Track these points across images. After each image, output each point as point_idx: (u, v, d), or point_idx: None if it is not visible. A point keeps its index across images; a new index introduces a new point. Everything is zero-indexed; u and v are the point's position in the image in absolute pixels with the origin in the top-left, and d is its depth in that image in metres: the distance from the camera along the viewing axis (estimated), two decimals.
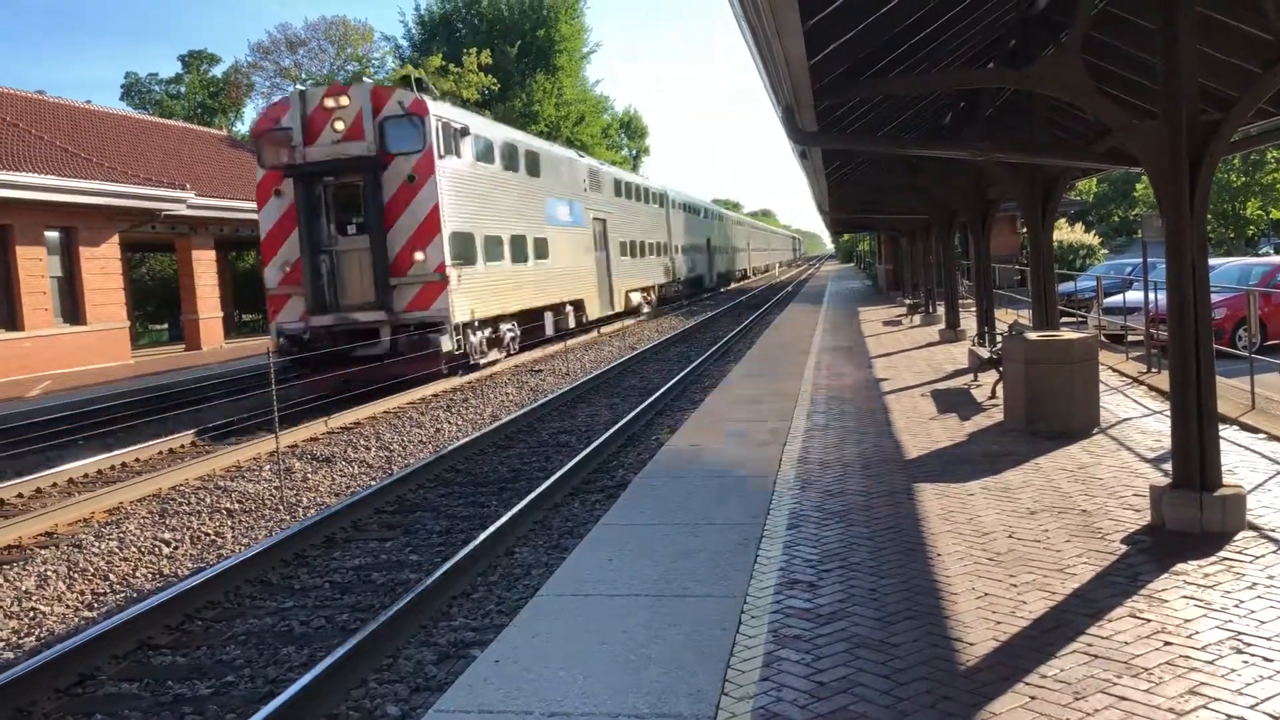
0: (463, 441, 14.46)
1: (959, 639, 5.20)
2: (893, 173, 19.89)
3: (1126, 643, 5.02)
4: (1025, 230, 34.40)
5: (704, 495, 8.53)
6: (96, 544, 10.25)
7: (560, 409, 18.02)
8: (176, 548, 10.27)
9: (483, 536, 9.25)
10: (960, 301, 22.10)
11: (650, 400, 17.40)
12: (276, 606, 8.36)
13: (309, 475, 13.30)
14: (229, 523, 11.13)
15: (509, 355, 25.23)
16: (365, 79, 28.31)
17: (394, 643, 7.18)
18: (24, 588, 9.02)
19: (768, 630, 5.44)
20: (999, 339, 13.92)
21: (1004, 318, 18.42)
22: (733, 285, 73.81)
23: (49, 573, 9.40)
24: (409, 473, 12.44)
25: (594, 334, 33.20)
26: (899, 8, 7.20)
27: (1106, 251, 39.73)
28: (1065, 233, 39.80)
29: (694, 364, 22.81)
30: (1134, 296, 18.87)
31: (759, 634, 5.39)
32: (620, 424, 15.10)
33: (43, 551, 10.07)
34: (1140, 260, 17.72)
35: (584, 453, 12.94)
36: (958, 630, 5.32)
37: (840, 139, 11.84)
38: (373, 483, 12.53)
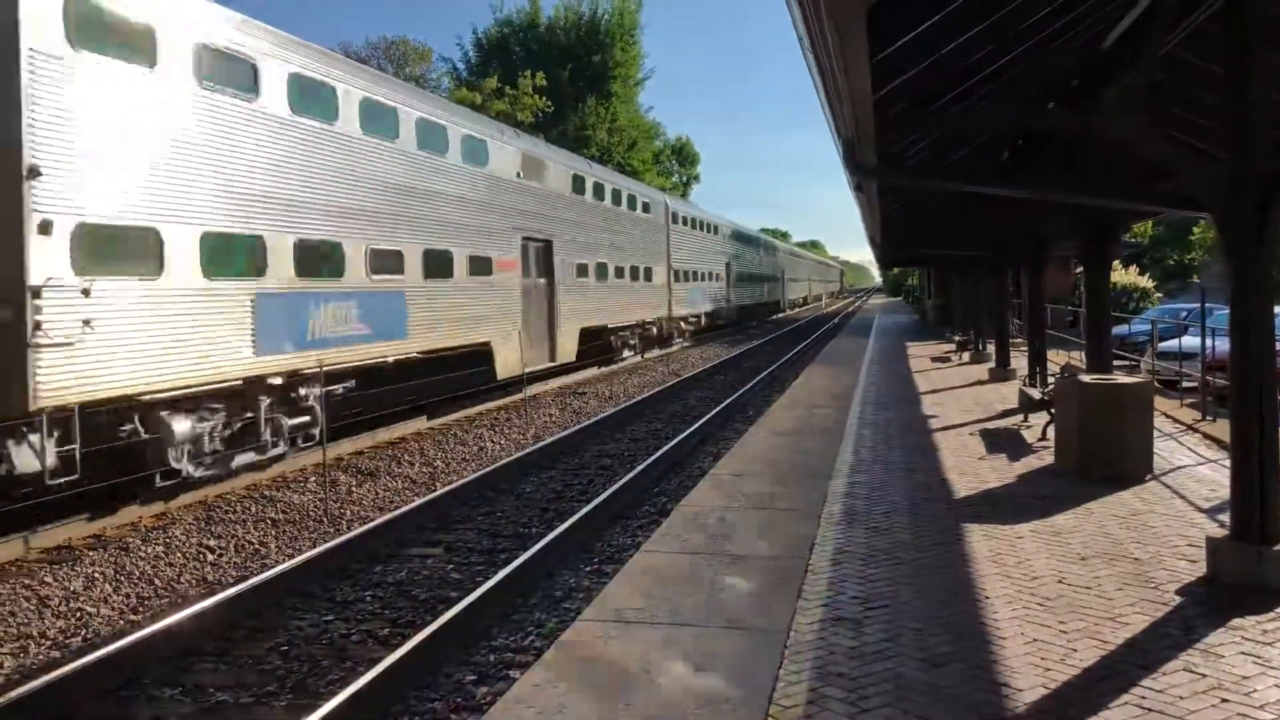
0: (505, 461, 14.50)
1: (1007, 684, 5.11)
2: (947, 209, 19.76)
3: (1181, 697, 4.91)
4: (1079, 271, 33.86)
5: (747, 527, 8.47)
6: (143, 548, 10.38)
7: (602, 432, 18.02)
8: (221, 555, 10.37)
9: (523, 558, 9.26)
10: (1010, 340, 21.86)
11: (694, 427, 17.36)
12: (318, 618, 8.40)
13: (353, 488, 13.39)
14: (273, 532, 11.23)
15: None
16: None
17: (434, 659, 7.19)
18: (72, 588, 9.15)
19: (811, 667, 5.37)
20: (1051, 380, 13.75)
21: (1055, 359, 18.20)
22: (777, 316, 73.41)
23: (97, 574, 9.53)
24: (451, 490, 12.49)
25: (638, 359, 33.15)
26: (963, 46, 7.18)
27: (1160, 295, 39.15)
28: (1119, 275, 39.29)
29: (738, 393, 22.74)
30: (1190, 342, 18.56)
31: (803, 670, 5.33)
32: (663, 450, 15.07)
33: (91, 553, 10.20)
34: (1196, 305, 17.44)
35: (626, 478, 12.92)
36: (1006, 675, 5.23)
37: (898, 174, 11.79)
38: (416, 498, 12.59)
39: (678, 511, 9.21)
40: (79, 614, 8.61)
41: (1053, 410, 11.99)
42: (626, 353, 32.43)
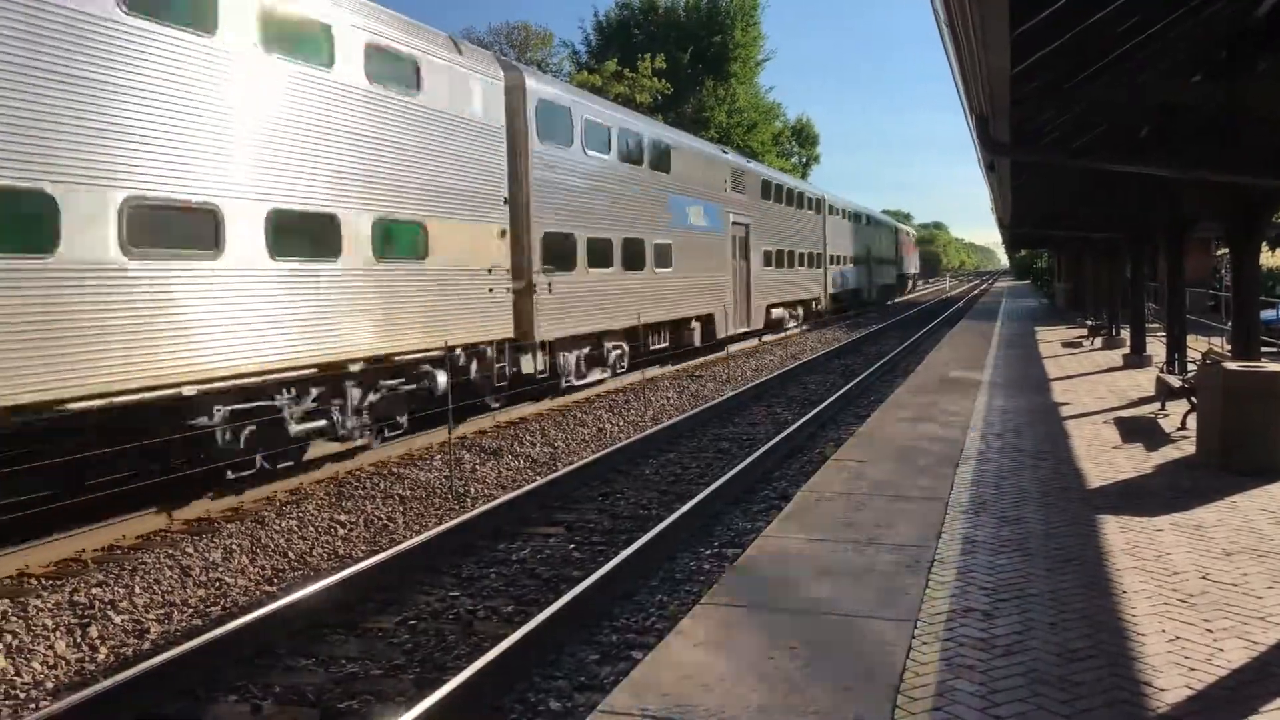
0: (625, 442, 14.58)
1: (1148, 683, 4.91)
2: (1080, 187, 19.08)
3: None
4: (1220, 253, 32.27)
5: (871, 514, 8.33)
6: (278, 521, 10.75)
7: (721, 415, 17.97)
8: (351, 529, 10.68)
9: (644, 539, 9.29)
10: (1146, 326, 21.01)
11: (813, 413, 17.16)
12: (444, 594, 8.59)
13: (477, 466, 13.64)
14: (401, 509, 11.51)
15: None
16: None
17: (557, 638, 7.27)
18: (211, 559, 9.53)
19: (940, 658, 5.26)
20: (1191, 367, 13.16)
21: (1195, 345, 17.41)
22: (898, 299, 72.06)
23: (234, 546, 9.91)
24: (573, 470, 12.62)
25: (755, 342, 32.96)
26: (1106, 19, 6.88)
27: None
28: (1266, 257, 37.41)
29: (858, 378, 22.40)
30: None
31: (931, 661, 5.21)
32: (782, 435, 14.94)
33: (229, 525, 10.62)
34: None
35: (746, 462, 12.85)
36: (1146, 674, 5.03)
37: (1033, 152, 11.40)
38: (538, 477, 12.75)
39: (799, 497, 9.12)
40: (218, 584, 8.97)
41: (1194, 398, 11.48)
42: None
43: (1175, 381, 12.85)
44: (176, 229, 10.29)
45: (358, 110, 12.86)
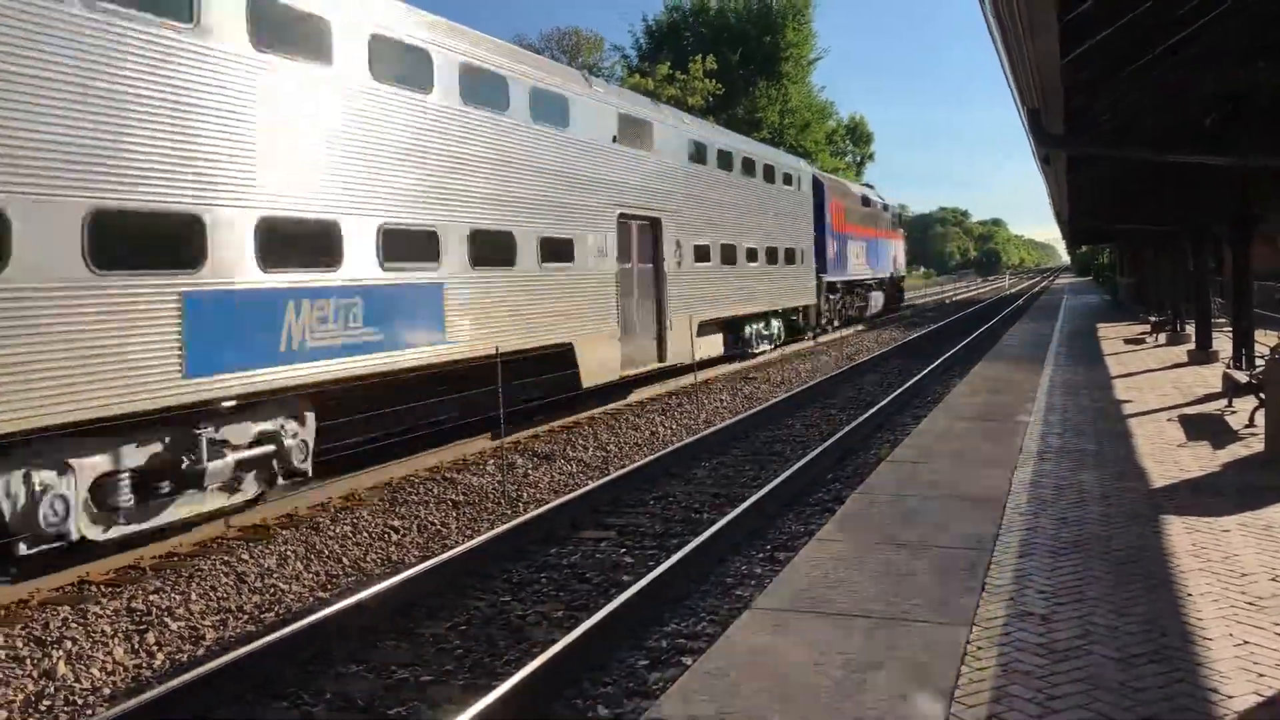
0: (677, 446, 14.50)
1: (1214, 689, 4.73)
2: (1141, 179, 18.63)
3: None
4: None
5: (927, 516, 8.16)
6: (332, 527, 10.82)
7: (774, 417, 17.81)
8: (404, 535, 10.71)
9: (695, 543, 9.21)
10: (1212, 321, 20.48)
11: (868, 414, 16.94)
12: (495, 599, 8.57)
13: (530, 471, 13.64)
14: (454, 514, 11.54)
15: None
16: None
17: (607, 643, 7.21)
18: (267, 565, 9.61)
19: (997, 663, 5.11)
20: (1259, 362, 12.78)
21: (1264, 339, 16.92)
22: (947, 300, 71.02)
23: (289, 552, 9.99)
24: (624, 474, 12.57)
25: (810, 342, 32.67)
26: (1163, 1, 6.67)
27: None
28: None
29: (914, 378, 22.10)
30: None
31: (988, 667, 5.07)
32: (837, 436, 14.77)
33: (284, 532, 10.71)
34: None
35: (798, 464, 12.71)
36: (1213, 680, 4.84)
37: (1088, 143, 11.13)
38: (590, 481, 12.72)
39: (854, 499, 8.98)
40: (273, 590, 9.03)
41: (1262, 394, 11.13)
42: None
43: (1242, 377, 12.47)
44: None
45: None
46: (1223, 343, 19.43)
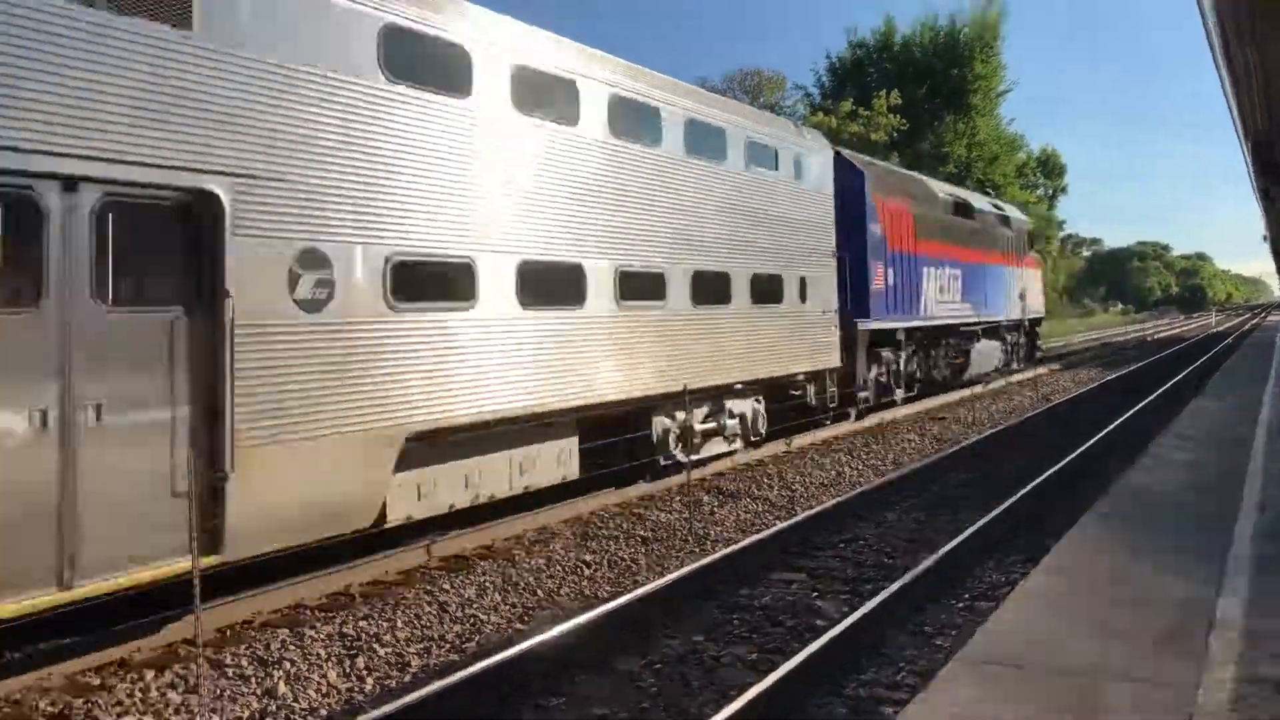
0: (865, 488, 14.26)
1: None
2: None
3: None
4: None
5: (1139, 572, 7.75)
6: (527, 560, 11.10)
7: (965, 460, 17.27)
8: (596, 570, 10.89)
9: (891, 589, 9.02)
10: None
11: (1065, 462, 16.19)
12: (687, 638, 8.60)
13: (715, 509, 13.67)
14: (643, 550, 11.66)
15: None
16: None
17: (804, 688, 7.14)
18: (467, 595, 9.93)
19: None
20: None
21: None
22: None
23: (487, 583, 10.29)
24: (813, 515, 12.44)
25: (1001, 382, 31.51)
26: None
27: None
28: None
29: (1122, 418, 21.04)
30: None
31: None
32: (1034, 484, 14.20)
33: (482, 563, 11.04)
34: None
35: (996, 511, 12.29)
36: None
37: None
38: (777, 521, 12.63)
39: (1054, 553, 8.60)
40: (473, 620, 9.32)
41: None
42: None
43: None
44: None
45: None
46: None
